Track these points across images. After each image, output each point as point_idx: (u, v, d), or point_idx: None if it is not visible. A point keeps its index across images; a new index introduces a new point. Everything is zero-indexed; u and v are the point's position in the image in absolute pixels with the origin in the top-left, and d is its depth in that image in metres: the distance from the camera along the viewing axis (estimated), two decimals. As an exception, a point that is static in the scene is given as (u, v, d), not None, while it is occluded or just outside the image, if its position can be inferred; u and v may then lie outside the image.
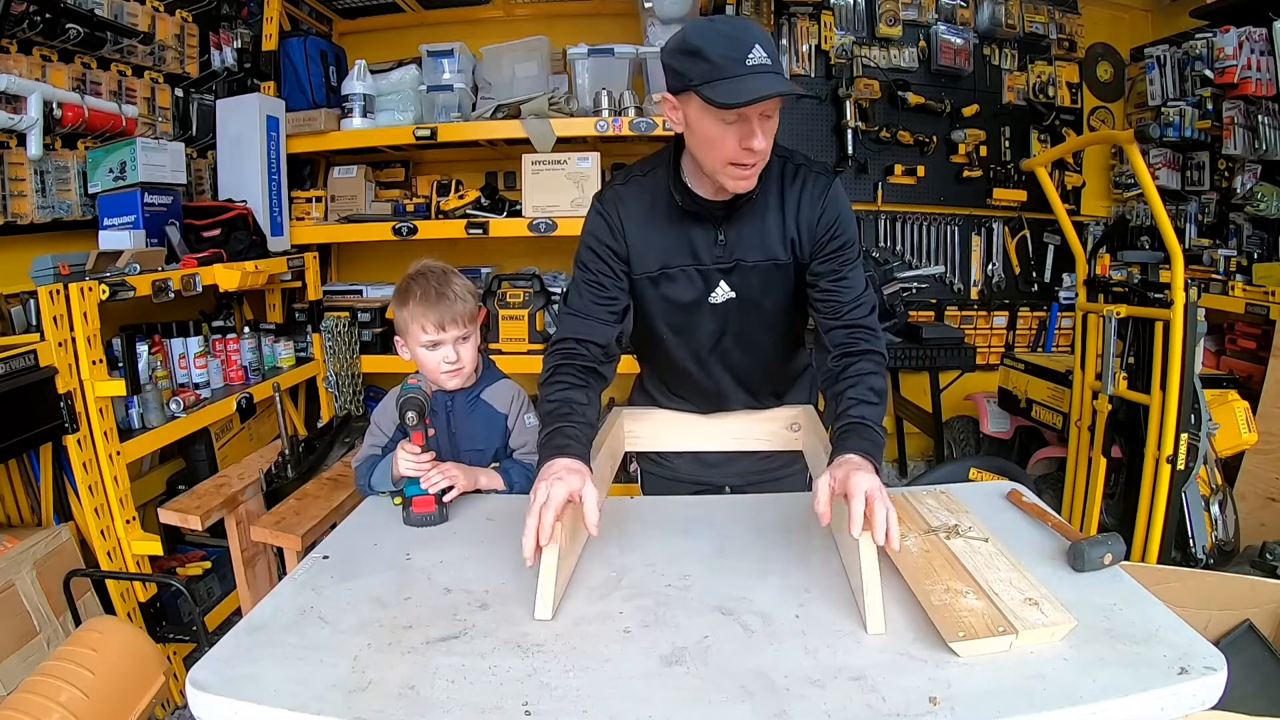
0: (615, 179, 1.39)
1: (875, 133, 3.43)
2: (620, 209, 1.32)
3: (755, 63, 1.08)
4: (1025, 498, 1.30)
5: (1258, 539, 2.26)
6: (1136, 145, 1.99)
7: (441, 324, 1.42)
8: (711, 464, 1.61)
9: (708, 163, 1.21)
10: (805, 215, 1.30)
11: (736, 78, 1.08)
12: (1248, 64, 2.85)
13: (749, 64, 1.08)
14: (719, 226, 1.30)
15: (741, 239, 1.31)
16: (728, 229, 1.31)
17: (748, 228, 1.31)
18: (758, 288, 1.34)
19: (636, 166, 1.38)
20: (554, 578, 0.96)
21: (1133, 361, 2.24)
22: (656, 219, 1.32)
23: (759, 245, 1.31)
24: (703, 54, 1.10)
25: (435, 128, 2.89)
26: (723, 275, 1.34)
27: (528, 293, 2.99)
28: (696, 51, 1.10)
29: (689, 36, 1.13)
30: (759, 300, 1.36)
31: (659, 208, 1.31)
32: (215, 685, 0.83)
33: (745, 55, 1.08)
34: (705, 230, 1.31)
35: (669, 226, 1.31)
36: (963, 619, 0.89)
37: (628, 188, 1.34)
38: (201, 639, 1.95)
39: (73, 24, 2.16)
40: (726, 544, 1.16)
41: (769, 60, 1.09)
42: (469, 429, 1.49)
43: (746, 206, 1.29)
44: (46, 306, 1.81)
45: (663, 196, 1.31)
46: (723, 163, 1.18)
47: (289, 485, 2.18)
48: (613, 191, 1.35)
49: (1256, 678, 1.46)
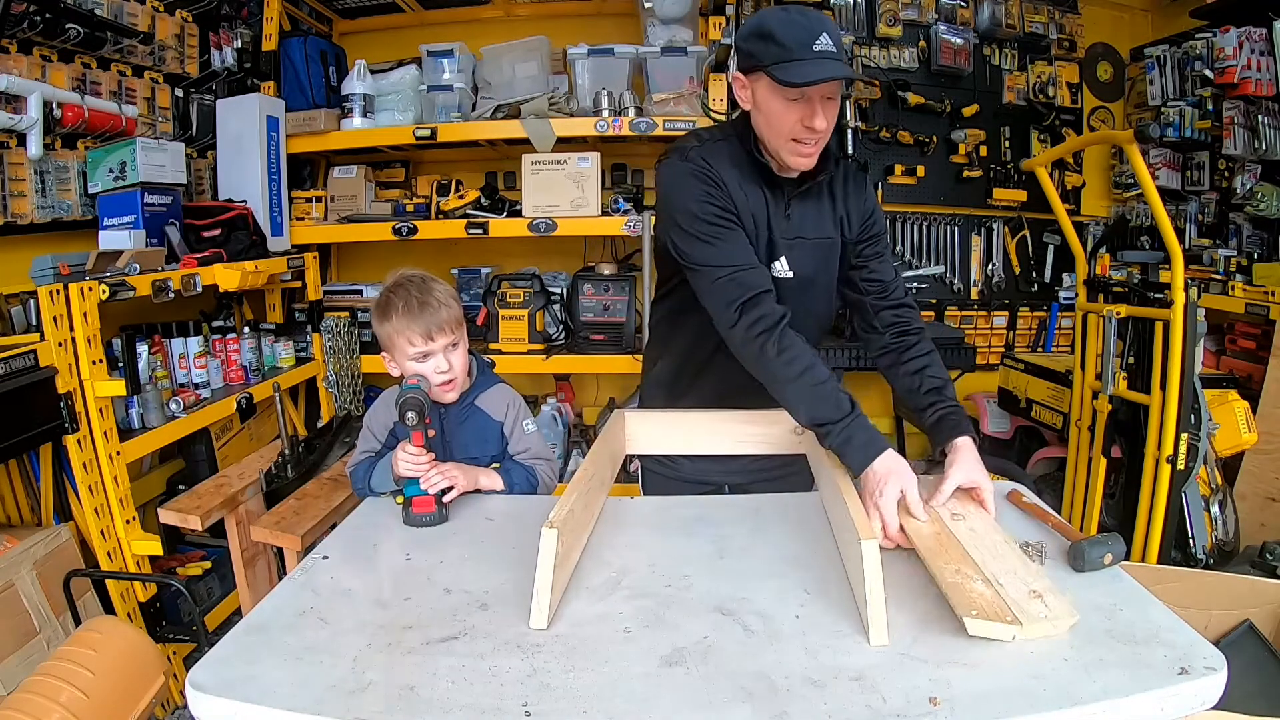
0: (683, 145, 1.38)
1: (875, 133, 3.42)
2: (714, 164, 1.33)
3: (821, 49, 1.19)
4: (1025, 498, 1.30)
5: (1258, 539, 2.26)
6: (1136, 145, 1.99)
7: (429, 334, 1.37)
8: (713, 462, 1.61)
9: (772, 140, 1.30)
10: (854, 199, 1.42)
11: (803, 61, 1.18)
12: (1248, 64, 2.85)
13: (816, 49, 1.19)
14: (789, 201, 1.38)
15: (805, 215, 1.39)
16: (794, 204, 1.38)
17: (810, 205, 1.40)
18: (811, 265, 1.40)
19: (703, 132, 1.43)
20: (550, 586, 0.95)
21: (1133, 361, 2.24)
22: (742, 182, 1.35)
23: (818, 223, 1.40)
24: (775, 38, 1.20)
25: (435, 128, 2.89)
26: (786, 249, 1.38)
27: (528, 293, 2.99)
28: (769, 35, 1.21)
29: (764, 21, 1.23)
30: (811, 279, 1.41)
31: (744, 172, 1.36)
32: (215, 686, 0.83)
33: (813, 41, 1.19)
34: (778, 202, 1.37)
35: (752, 192, 1.36)
36: (974, 600, 0.90)
37: (706, 148, 1.36)
38: (201, 639, 1.95)
39: (73, 24, 2.17)
40: (726, 544, 1.16)
41: (834, 48, 1.19)
42: (462, 437, 1.47)
43: (812, 185, 1.36)
44: (46, 306, 1.81)
45: (745, 163, 1.36)
46: (785, 139, 1.28)
47: (289, 485, 2.18)
48: (697, 152, 1.34)
49: (1256, 678, 1.46)
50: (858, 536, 0.92)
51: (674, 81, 2.87)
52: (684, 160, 1.34)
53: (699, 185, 1.31)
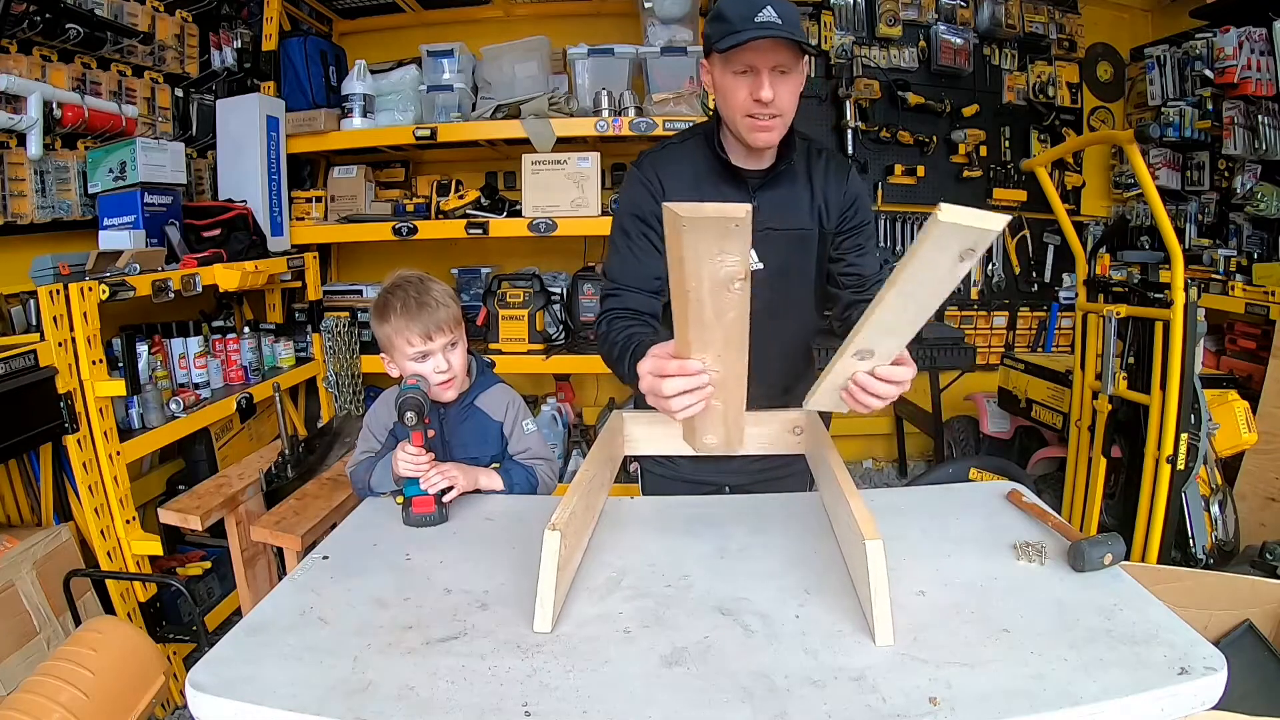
0: (649, 150, 1.44)
1: (875, 133, 3.43)
2: (660, 172, 1.38)
3: (764, 19, 1.18)
4: (1025, 498, 1.30)
5: (1258, 539, 2.26)
6: (1136, 145, 1.99)
7: (428, 333, 1.39)
8: (712, 463, 1.61)
9: (731, 120, 1.31)
10: (832, 189, 1.40)
11: (743, 32, 1.19)
12: (1248, 64, 2.85)
13: (757, 20, 1.18)
14: (754, 194, 1.37)
15: (774, 207, 1.37)
16: (761, 196, 1.37)
17: (780, 196, 1.38)
18: (785, 258, 1.40)
19: (674, 137, 1.46)
20: (553, 589, 0.95)
21: (1133, 361, 2.24)
22: (697, 183, 1.37)
23: (789, 213, 1.39)
24: (722, 15, 1.22)
25: (435, 128, 2.89)
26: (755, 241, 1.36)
27: (528, 293, 2.99)
28: (719, 14, 1.23)
29: (717, 3, 1.25)
30: (785, 272, 1.40)
31: (700, 172, 1.37)
32: (215, 686, 0.83)
33: (755, 14, 1.19)
34: (741, 196, 1.36)
35: (708, 191, 1.37)
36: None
37: (666, 152, 1.41)
38: (201, 639, 1.95)
39: (73, 24, 2.16)
40: (726, 544, 1.16)
41: (778, 20, 1.19)
42: (461, 437, 1.47)
43: (779, 176, 1.37)
44: (46, 306, 1.81)
45: (702, 161, 1.37)
46: (741, 115, 1.27)
47: (289, 485, 2.18)
48: (650, 158, 1.41)
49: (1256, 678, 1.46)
50: (861, 536, 0.92)
51: (674, 81, 2.87)
52: (636, 165, 1.41)
53: (630, 193, 1.40)
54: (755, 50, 1.21)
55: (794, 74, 1.26)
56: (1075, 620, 0.92)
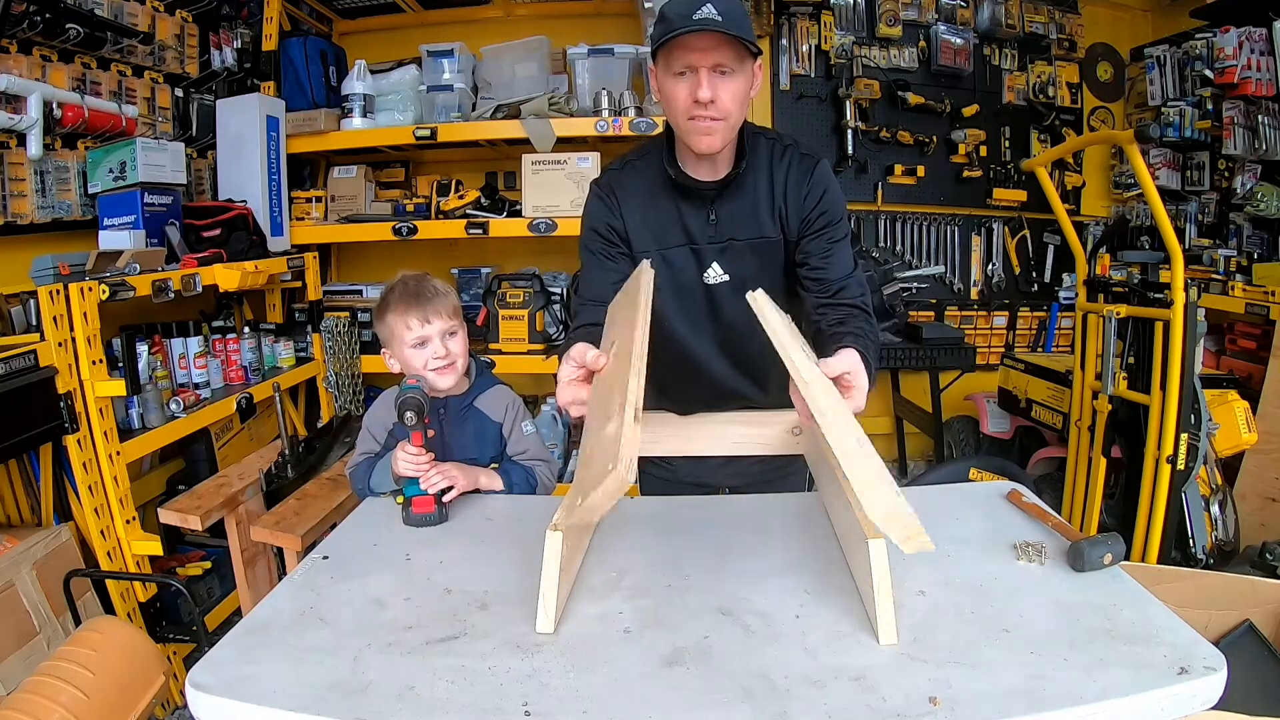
0: (611, 166, 1.44)
1: (875, 133, 3.43)
2: (617, 191, 1.38)
3: (701, 17, 1.14)
4: (1025, 498, 1.30)
5: (1258, 539, 2.26)
6: (1136, 145, 1.99)
7: (425, 317, 1.43)
8: (711, 465, 1.61)
9: (673, 121, 1.28)
10: (792, 191, 1.33)
11: (680, 30, 1.15)
12: (1248, 64, 2.85)
13: (695, 18, 1.15)
14: (711, 205, 1.34)
15: (733, 217, 1.35)
16: (719, 207, 1.34)
17: (738, 205, 1.35)
18: (750, 267, 1.37)
19: (631, 153, 1.44)
20: (555, 590, 0.95)
21: (1133, 361, 2.24)
22: (653, 199, 1.36)
23: (749, 222, 1.35)
24: (663, 16, 1.19)
25: (435, 128, 2.89)
26: (716, 255, 1.37)
27: (528, 293, 2.98)
28: (661, 16, 1.20)
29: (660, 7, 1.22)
30: (750, 281, 1.35)
31: (655, 188, 1.36)
32: (215, 686, 0.83)
33: (694, 11, 1.15)
34: (698, 209, 1.35)
35: (664, 206, 1.36)
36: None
37: (623, 172, 1.40)
38: (201, 639, 1.95)
39: (73, 24, 2.16)
40: (726, 544, 1.16)
41: (719, 17, 1.14)
42: (461, 437, 1.47)
43: (736, 185, 1.33)
44: (46, 306, 1.80)
45: (658, 177, 1.35)
46: (683, 117, 1.24)
47: (289, 485, 2.18)
48: (608, 176, 1.41)
49: (1256, 678, 1.46)
50: (864, 536, 0.92)
51: (674, 81, 2.87)
52: (594, 184, 1.42)
53: (591, 210, 1.40)
54: (693, 49, 1.18)
55: (738, 75, 1.21)
56: (1075, 620, 0.92)
